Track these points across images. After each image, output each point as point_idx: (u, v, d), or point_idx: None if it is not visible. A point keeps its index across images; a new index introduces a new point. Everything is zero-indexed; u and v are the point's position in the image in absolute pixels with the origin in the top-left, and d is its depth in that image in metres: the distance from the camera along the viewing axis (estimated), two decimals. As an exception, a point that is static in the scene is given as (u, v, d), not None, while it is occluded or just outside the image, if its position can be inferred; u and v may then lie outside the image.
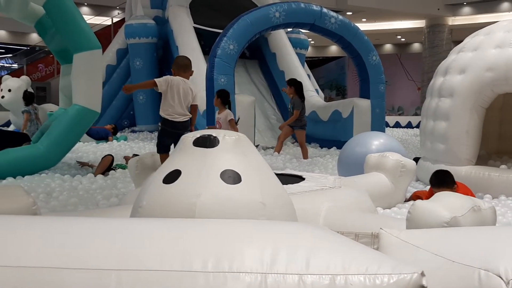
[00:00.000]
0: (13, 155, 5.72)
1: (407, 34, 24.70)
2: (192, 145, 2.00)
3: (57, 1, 5.85)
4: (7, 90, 10.70)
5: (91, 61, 6.04)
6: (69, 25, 5.96)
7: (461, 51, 5.46)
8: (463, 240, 1.31)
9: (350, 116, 9.20)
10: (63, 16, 5.92)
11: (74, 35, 5.98)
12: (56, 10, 5.90)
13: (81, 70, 6.00)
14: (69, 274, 1.07)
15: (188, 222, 1.37)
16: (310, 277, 1.04)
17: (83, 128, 6.20)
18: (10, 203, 2.19)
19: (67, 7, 5.94)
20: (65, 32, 6.02)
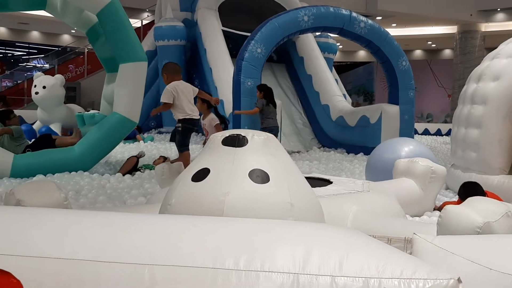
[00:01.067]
0: (47, 156, 5.86)
1: (438, 40, 24.32)
2: (221, 144, 2.01)
3: (111, 11, 6.04)
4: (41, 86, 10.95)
5: (136, 73, 6.21)
6: (119, 35, 6.14)
7: (495, 57, 5.34)
8: (501, 248, 1.28)
9: (378, 122, 9.10)
10: (115, 26, 6.10)
11: (122, 45, 6.18)
12: (108, 19, 6.09)
13: (125, 80, 6.17)
14: (105, 267, 1.08)
15: (220, 219, 1.37)
16: (343, 279, 1.03)
17: (120, 137, 6.35)
18: (43, 197, 2.24)
19: (120, 18, 6.12)
20: (114, 42, 6.20)
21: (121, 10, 6.17)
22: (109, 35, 6.20)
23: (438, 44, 25.55)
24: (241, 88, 8.52)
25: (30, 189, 2.31)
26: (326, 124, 11.01)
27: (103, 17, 6.08)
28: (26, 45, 28.53)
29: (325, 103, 11.16)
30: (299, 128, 11.60)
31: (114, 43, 6.20)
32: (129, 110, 6.13)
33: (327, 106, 11.08)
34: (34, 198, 2.21)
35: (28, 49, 30.05)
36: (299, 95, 12.20)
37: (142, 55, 6.30)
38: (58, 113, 10.85)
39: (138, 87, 6.29)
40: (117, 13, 6.09)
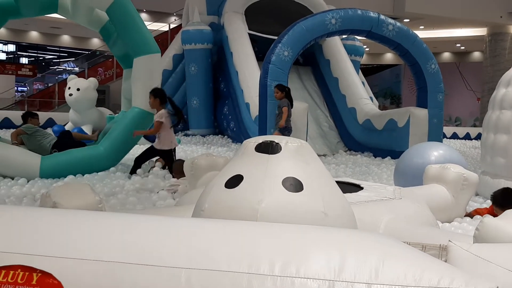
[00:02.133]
0: (74, 155, 5.98)
1: (467, 42, 23.88)
2: (254, 151, 2.01)
3: (119, 6, 6.10)
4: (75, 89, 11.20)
5: (150, 65, 6.26)
6: (130, 29, 6.20)
7: (527, 61, 5.22)
8: (541, 258, 1.26)
9: (406, 125, 8.99)
10: (124, 20, 6.17)
11: (134, 39, 6.23)
12: (117, 14, 6.16)
13: (140, 73, 6.22)
14: (143, 270, 1.11)
15: (256, 225, 1.39)
16: (379, 287, 1.03)
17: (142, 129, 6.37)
18: (78, 200, 2.30)
19: (129, 12, 6.18)
20: (125, 36, 6.27)
21: (130, 4, 6.21)
22: (120, 30, 6.26)
23: (467, 46, 25.07)
24: (268, 91, 8.54)
25: (65, 191, 2.37)
26: (353, 127, 10.92)
27: (112, 12, 6.14)
28: (57, 48, 29.24)
29: (352, 106, 11.08)
30: (325, 131, 11.54)
31: (126, 37, 6.27)
32: (147, 102, 6.16)
33: (354, 109, 10.99)
34: (69, 201, 2.27)
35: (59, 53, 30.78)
36: (325, 98, 12.14)
37: (154, 47, 6.33)
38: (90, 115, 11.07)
39: (153, 79, 6.35)
40: (126, 7, 6.15)
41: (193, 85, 12.82)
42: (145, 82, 6.21)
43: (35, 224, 1.34)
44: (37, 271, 1.20)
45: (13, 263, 1.21)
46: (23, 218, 1.39)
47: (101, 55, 21.67)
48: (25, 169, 5.65)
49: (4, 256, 1.22)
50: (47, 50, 30.25)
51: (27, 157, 5.75)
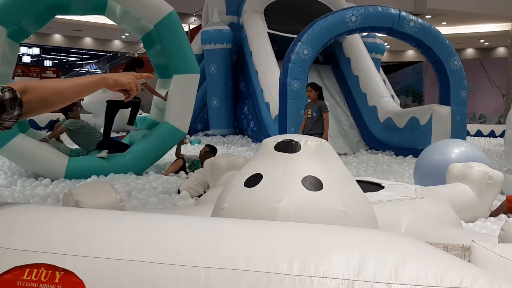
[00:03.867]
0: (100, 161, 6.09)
1: (491, 37, 23.41)
2: (274, 150, 2.01)
3: (168, 23, 6.29)
4: None
5: (188, 84, 6.45)
6: (175, 47, 6.38)
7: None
8: None
9: (428, 123, 8.86)
10: (171, 37, 6.36)
11: (177, 57, 6.42)
12: (165, 30, 6.35)
13: (177, 91, 6.40)
14: (162, 268, 1.12)
15: (274, 224, 1.38)
16: (399, 287, 1.01)
17: (169, 146, 6.57)
18: (100, 199, 2.33)
19: (177, 30, 6.38)
20: (169, 52, 6.45)
21: (178, 22, 6.41)
22: (165, 45, 6.43)
23: (491, 42, 24.58)
24: (288, 90, 8.53)
25: (87, 190, 2.41)
26: (374, 125, 10.82)
27: (160, 28, 6.31)
28: (80, 51, 29.72)
29: (373, 104, 10.98)
30: (346, 130, 11.46)
31: (169, 54, 6.44)
32: (179, 120, 6.35)
33: (375, 107, 10.89)
34: (91, 199, 2.30)
35: (82, 55, 31.28)
36: (346, 97, 12.07)
37: (195, 67, 6.51)
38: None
39: (189, 99, 6.51)
40: (174, 25, 6.34)
41: (213, 85, 12.88)
42: (181, 100, 6.41)
43: (58, 224, 1.36)
44: (59, 269, 1.22)
45: (37, 261, 1.23)
46: (47, 218, 1.41)
47: (122, 57, 21.94)
48: (52, 169, 5.79)
49: (29, 255, 1.24)
50: (70, 52, 30.78)
51: (55, 157, 5.89)
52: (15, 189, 5.05)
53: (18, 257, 1.22)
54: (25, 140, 5.73)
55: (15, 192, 4.83)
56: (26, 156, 5.74)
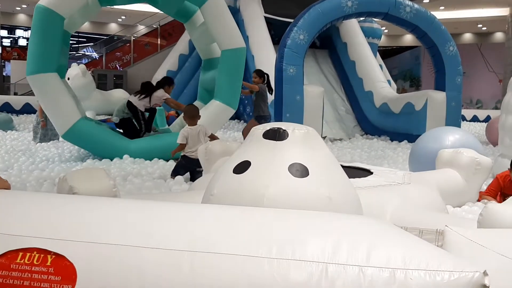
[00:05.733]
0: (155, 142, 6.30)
1: (488, 22, 23.31)
2: (262, 137, 2.06)
3: (234, 55, 6.62)
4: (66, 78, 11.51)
5: (236, 58, 6.67)
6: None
7: (547, 42, 5.13)
8: (532, 243, 1.29)
9: (423, 109, 8.91)
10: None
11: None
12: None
13: (209, 113, 6.49)
14: (147, 252, 1.18)
15: (255, 210, 1.44)
16: (370, 269, 1.08)
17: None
18: (93, 184, 2.39)
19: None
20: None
21: (243, 59, 6.77)
22: (221, 71, 6.70)
23: (489, 27, 24.48)
24: (283, 75, 8.54)
25: (81, 176, 2.46)
26: (370, 111, 10.87)
27: (227, 55, 6.62)
28: (76, 34, 29.49)
29: (369, 90, 11.00)
30: (342, 115, 11.50)
31: (220, 80, 6.70)
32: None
33: (371, 92, 10.92)
34: (85, 185, 2.35)
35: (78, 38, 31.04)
36: (342, 82, 12.08)
37: (235, 103, 6.79)
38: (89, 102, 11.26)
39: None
40: (239, 59, 6.69)
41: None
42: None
43: (50, 210, 1.42)
44: (51, 253, 1.28)
45: (29, 246, 1.29)
46: (39, 204, 1.47)
47: (118, 40, 21.82)
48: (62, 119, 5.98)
49: (22, 240, 1.30)
50: (66, 35, 30.48)
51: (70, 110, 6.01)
52: (12, 173, 5.10)
53: (11, 241, 1.28)
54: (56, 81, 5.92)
55: (11, 176, 4.88)
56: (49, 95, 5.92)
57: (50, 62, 5.81)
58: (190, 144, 5.00)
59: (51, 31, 5.76)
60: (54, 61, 5.87)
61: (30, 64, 5.79)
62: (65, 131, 5.97)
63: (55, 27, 5.76)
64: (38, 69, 5.75)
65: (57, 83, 5.92)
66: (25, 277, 1.24)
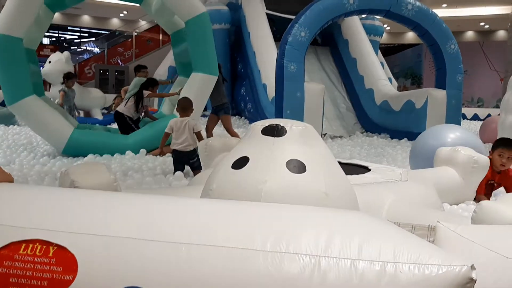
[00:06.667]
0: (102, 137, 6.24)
1: (491, 20, 23.28)
2: (261, 133, 2.10)
3: (199, 22, 6.55)
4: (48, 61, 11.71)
5: (204, 84, 6.67)
6: (200, 46, 6.63)
7: (547, 41, 5.15)
8: (520, 238, 1.32)
9: (424, 107, 8.93)
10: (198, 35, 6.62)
11: (200, 56, 6.65)
12: (195, 28, 6.60)
13: (192, 88, 6.56)
14: (147, 244, 1.22)
15: (253, 204, 1.48)
16: (361, 263, 1.11)
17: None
18: (94, 178, 2.42)
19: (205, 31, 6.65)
20: (193, 50, 6.69)
21: (208, 24, 6.69)
22: (191, 42, 6.66)
23: (491, 25, 24.44)
24: (284, 72, 8.55)
25: (82, 170, 2.49)
26: (370, 108, 10.89)
27: (191, 25, 6.57)
28: (78, 29, 29.47)
29: (370, 87, 11.02)
30: (342, 112, 11.52)
31: (193, 51, 6.66)
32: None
33: (372, 90, 10.94)
34: (86, 179, 2.39)
35: (80, 33, 31.03)
36: (343, 79, 12.09)
37: (214, 70, 6.75)
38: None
39: (201, 98, 6.70)
40: (204, 25, 6.60)
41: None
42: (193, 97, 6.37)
43: (52, 203, 1.46)
44: (53, 244, 1.32)
45: (32, 237, 1.33)
46: (42, 197, 1.51)
47: (120, 35, 21.83)
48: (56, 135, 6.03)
49: (25, 231, 1.34)
50: (68, 30, 30.51)
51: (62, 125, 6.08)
52: (13, 167, 5.14)
53: (14, 233, 1.31)
54: (38, 103, 5.92)
55: (13, 170, 4.93)
56: (35, 118, 5.94)
57: (24, 86, 5.76)
58: (175, 136, 5.01)
59: (14, 56, 5.65)
60: (27, 84, 5.80)
61: (6, 95, 5.75)
62: (63, 147, 5.97)
63: (16, 50, 5.65)
64: (16, 97, 5.71)
65: (39, 104, 5.90)
66: (27, 267, 1.28)
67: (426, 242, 1.19)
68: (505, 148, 3.95)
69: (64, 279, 1.26)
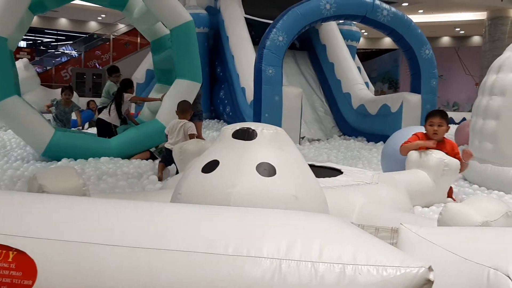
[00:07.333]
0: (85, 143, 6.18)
1: (466, 26, 23.73)
2: (231, 137, 2.09)
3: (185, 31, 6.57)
4: None
5: (188, 90, 6.65)
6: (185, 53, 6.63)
7: (517, 47, 5.28)
8: (478, 239, 1.34)
9: (399, 110, 9.06)
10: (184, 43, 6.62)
11: (185, 63, 6.65)
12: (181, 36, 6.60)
13: (176, 94, 6.53)
14: (105, 249, 1.20)
15: (216, 208, 1.47)
16: (322, 265, 1.12)
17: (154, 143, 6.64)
18: (63, 183, 2.38)
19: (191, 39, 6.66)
20: (179, 57, 6.67)
21: (194, 32, 6.70)
22: (177, 50, 6.66)
23: (466, 30, 24.94)
24: (262, 76, 8.58)
25: (51, 174, 2.45)
26: (347, 112, 10.99)
27: (177, 32, 6.57)
28: (55, 32, 29.06)
29: (347, 91, 11.13)
30: (321, 116, 11.61)
31: (178, 58, 6.66)
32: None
33: (349, 94, 11.05)
34: (54, 183, 2.35)
35: (57, 36, 30.58)
36: (321, 83, 12.18)
37: (199, 77, 6.79)
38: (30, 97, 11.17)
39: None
40: (190, 33, 6.62)
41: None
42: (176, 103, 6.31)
43: (13, 207, 1.43)
44: (13, 249, 1.29)
45: (-9, 242, 1.30)
46: (2, 202, 1.48)
47: (98, 38, 21.60)
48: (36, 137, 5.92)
49: (-16, 237, 1.31)
50: (45, 33, 30.07)
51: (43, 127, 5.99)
52: (-16, 172, 5.03)
53: (-28, 238, 1.28)
54: (20, 103, 5.82)
55: (-16, 175, 4.82)
56: (17, 119, 5.83)
57: (7, 86, 5.68)
58: (170, 135, 5.18)
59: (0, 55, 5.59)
60: (11, 84, 5.74)
61: None
62: (44, 149, 5.88)
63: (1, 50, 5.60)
64: None
65: (22, 105, 5.84)
66: (-15, 273, 1.25)
67: (386, 244, 1.20)
68: (433, 117, 4.28)
69: (23, 284, 1.23)
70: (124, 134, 6.50)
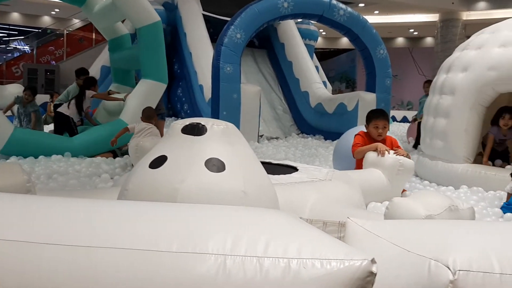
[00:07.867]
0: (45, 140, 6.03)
1: (419, 27, 24.49)
2: (181, 132, 2.05)
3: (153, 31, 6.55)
4: None
5: (154, 91, 6.67)
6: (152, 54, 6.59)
7: (465, 48, 5.46)
8: (421, 232, 1.37)
9: (355, 109, 9.23)
10: (151, 44, 6.57)
11: (151, 63, 6.60)
12: (148, 36, 6.56)
13: (141, 94, 6.52)
14: (43, 248, 1.14)
15: (162, 205, 1.44)
16: (267, 260, 1.10)
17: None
18: (6, 179, 2.28)
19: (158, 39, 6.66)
20: (145, 57, 6.60)
21: (161, 33, 6.70)
22: (143, 49, 6.60)
23: (420, 32, 25.72)
24: (220, 74, 8.54)
25: (-6, 171, 2.34)
26: (306, 110, 11.11)
27: (144, 32, 6.52)
28: (6, 26, 27.93)
29: (305, 90, 11.24)
30: (279, 114, 11.68)
31: (145, 58, 6.60)
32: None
33: (307, 93, 11.17)
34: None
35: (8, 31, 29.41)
36: (280, 82, 12.26)
37: (165, 77, 6.77)
38: None
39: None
40: (158, 34, 6.62)
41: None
42: (141, 102, 6.38)
43: None
44: None
45: None
46: None
47: (52, 33, 20.92)
48: None
49: None
50: (-5, 27, 28.83)
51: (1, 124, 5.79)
52: None
53: None
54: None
55: None
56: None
57: None
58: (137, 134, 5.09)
59: None
60: None
61: None
62: (3, 145, 5.68)
63: None
64: None
65: None
66: None
67: (332, 238, 1.20)
68: (378, 120, 4.26)
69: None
70: (88, 132, 6.35)
